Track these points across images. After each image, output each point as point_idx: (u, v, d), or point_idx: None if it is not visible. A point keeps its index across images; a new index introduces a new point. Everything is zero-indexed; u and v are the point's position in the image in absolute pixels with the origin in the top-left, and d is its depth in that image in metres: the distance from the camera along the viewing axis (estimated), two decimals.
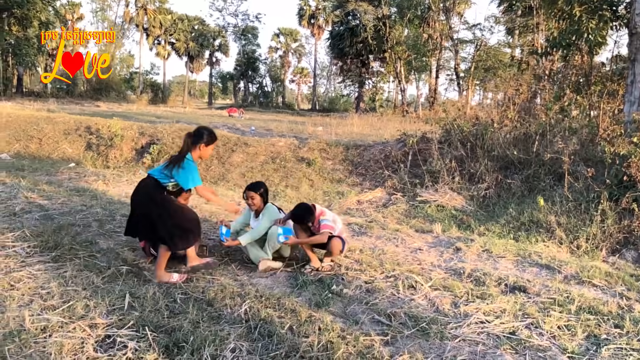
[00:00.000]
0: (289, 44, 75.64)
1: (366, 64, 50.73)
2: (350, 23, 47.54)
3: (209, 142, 4.99)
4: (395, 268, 5.51)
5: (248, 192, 5.54)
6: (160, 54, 71.37)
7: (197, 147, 4.89)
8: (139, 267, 5.14)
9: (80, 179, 10.01)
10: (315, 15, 63.63)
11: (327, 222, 5.35)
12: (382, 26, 43.45)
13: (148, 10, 66.70)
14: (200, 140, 4.89)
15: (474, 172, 9.22)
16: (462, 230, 7.76)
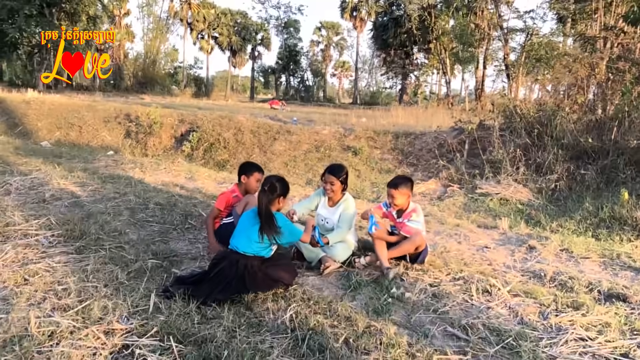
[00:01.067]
0: (331, 38, 74.87)
1: (410, 55, 49.43)
2: (394, 13, 46.37)
3: (284, 193, 4.18)
4: (463, 269, 4.73)
5: (328, 176, 4.76)
6: (204, 48, 71.79)
7: (276, 202, 4.11)
8: (170, 261, 4.52)
9: (116, 166, 9.58)
10: (357, 8, 62.59)
11: (418, 224, 4.67)
12: (427, 16, 42.05)
13: (192, 4, 67.16)
14: (274, 193, 4.08)
15: (541, 162, 8.28)
16: (531, 226, 6.88)
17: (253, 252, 3.90)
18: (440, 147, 9.67)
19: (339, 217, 4.82)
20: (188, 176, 9.10)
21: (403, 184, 4.73)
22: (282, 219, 4.02)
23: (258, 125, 11.74)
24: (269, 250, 4.00)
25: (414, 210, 4.72)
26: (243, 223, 4.04)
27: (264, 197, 3.95)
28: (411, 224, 4.68)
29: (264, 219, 3.89)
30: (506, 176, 8.22)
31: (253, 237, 3.89)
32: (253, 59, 75.17)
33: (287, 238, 4.02)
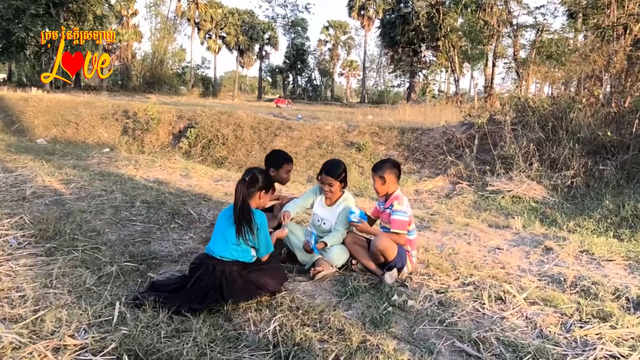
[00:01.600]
0: (339, 37, 74.42)
1: (418, 53, 48.80)
2: (402, 10, 45.73)
3: (267, 187, 3.74)
4: (473, 272, 4.26)
5: (325, 177, 4.23)
6: (211, 48, 71.56)
7: (256, 196, 3.66)
8: (148, 264, 4.09)
9: (110, 163, 9.19)
10: (365, 6, 62.08)
11: (403, 216, 4.04)
12: (435, 13, 41.47)
13: (199, 4, 67.01)
14: (255, 186, 3.62)
15: (555, 158, 7.78)
16: (546, 225, 6.39)
17: (231, 256, 3.44)
18: (448, 143, 9.19)
19: (337, 217, 4.37)
20: (183, 173, 8.68)
21: (384, 167, 4.17)
22: (261, 219, 3.54)
23: (258, 121, 11.31)
24: (249, 254, 3.54)
25: (396, 198, 4.10)
26: (220, 223, 3.59)
27: (243, 189, 3.47)
28: (395, 215, 4.03)
29: (239, 215, 3.42)
30: (519, 172, 7.72)
31: (230, 238, 3.44)
32: (260, 59, 74.89)
33: (261, 245, 3.56)
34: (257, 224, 3.47)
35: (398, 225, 4.02)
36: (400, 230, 4.02)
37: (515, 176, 7.68)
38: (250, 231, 3.41)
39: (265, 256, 3.61)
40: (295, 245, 4.22)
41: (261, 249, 3.55)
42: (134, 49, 67.43)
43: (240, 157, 10.30)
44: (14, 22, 38.47)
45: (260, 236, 3.51)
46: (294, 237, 4.25)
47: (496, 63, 40.77)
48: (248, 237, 3.42)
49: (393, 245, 3.95)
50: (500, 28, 37.55)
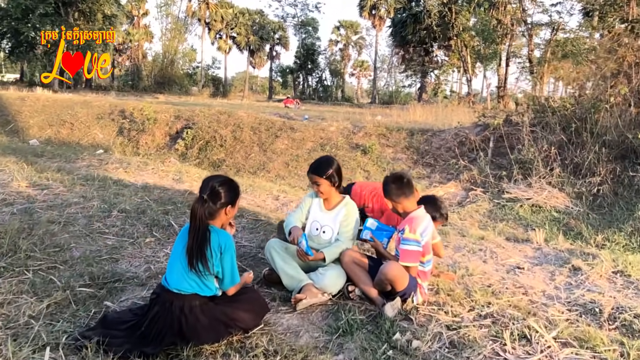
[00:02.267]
0: (350, 37, 73.81)
1: (429, 52, 47.99)
2: (414, 9, 44.92)
3: (233, 199, 3.03)
4: (491, 301, 3.61)
5: (311, 176, 3.71)
6: (222, 48, 71.27)
7: (221, 214, 2.97)
8: (109, 289, 3.49)
9: (100, 166, 8.64)
10: (376, 6, 61.44)
11: (414, 246, 3.36)
12: (447, 12, 40.66)
13: (210, 4, 66.76)
14: (217, 202, 2.92)
15: (579, 163, 7.10)
16: (571, 239, 5.73)
17: (190, 288, 2.82)
18: (461, 145, 8.53)
19: (339, 226, 3.76)
20: (176, 177, 8.10)
21: (385, 192, 3.57)
22: (226, 241, 2.88)
23: (259, 121, 10.72)
24: (211, 285, 2.91)
25: (409, 221, 3.41)
26: (177, 246, 2.97)
27: (200, 207, 2.83)
28: (404, 244, 3.35)
29: (194, 239, 2.79)
30: (538, 178, 7.05)
31: (186, 266, 2.82)
32: (271, 59, 74.53)
33: (226, 274, 2.91)
34: (220, 248, 2.85)
35: (407, 257, 3.35)
36: (410, 264, 3.36)
37: (534, 182, 7.01)
38: (203, 262, 2.78)
39: (231, 289, 2.95)
40: (280, 266, 3.58)
41: (225, 279, 2.90)
42: (145, 49, 67.40)
43: (239, 159, 9.70)
44: (22, 22, 38.33)
45: (225, 262, 2.87)
46: (278, 256, 3.62)
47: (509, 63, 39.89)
48: (201, 269, 2.79)
49: (405, 275, 3.31)
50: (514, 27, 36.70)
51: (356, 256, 3.66)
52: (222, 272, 2.88)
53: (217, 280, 2.94)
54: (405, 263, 3.33)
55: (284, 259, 3.59)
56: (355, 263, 3.62)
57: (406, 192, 3.51)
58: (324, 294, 3.42)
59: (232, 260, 2.92)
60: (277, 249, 3.64)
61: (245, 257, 4.35)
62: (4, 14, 40.01)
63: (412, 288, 3.38)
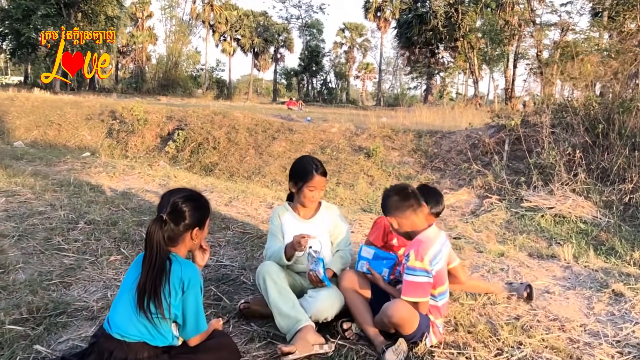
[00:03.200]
0: (354, 39, 73.31)
1: (435, 54, 47.30)
2: (419, 10, 44.28)
3: (201, 221, 2.35)
4: (522, 340, 2.91)
5: (318, 178, 3.03)
6: (226, 51, 70.88)
7: (185, 238, 2.31)
8: (48, 325, 2.82)
9: (82, 170, 7.99)
10: (381, 8, 60.93)
11: (420, 277, 2.64)
12: (453, 12, 39.98)
13: (214, 6, 66.45)
14: (180, 223, 2.26)
15: (607, 167, 6.39)
16: (603, 256, 5.01)
17: (139, 336, 2.14)
18: (473, 148, 7.83)
19: (328, 233, 3.15)
20: (163, 182, 7.44)
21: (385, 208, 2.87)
22: (191, 274, 2.21)
23: (256, 122, 10.05)
24: (168, 333, 2.22)
25: (416, 244, 2.69)
26: (126, 280, 2.28)
27: (158, 230, 2.14)
28: (408, 275, 2.64)
29: (149, 272, 2.11)
30: (561, 185, 6.35)
31: (134, 306, 2.14)
32: (275, 61, 74.10)
33: (188, 319, 2.23)
34: (183, 284, 2.16)
35: (412, 290, 2.63)
36: (417, 299, 2.64)
37: (556, 189, 6.30)
38: (157, 303, 2.10)
39: (194, 338, 2.26)
40: (274, 301, 2.78)
41: (187, 325, 2.21)
42: (149, 51, 67.08)
43: (233, 163, 9.02)
44: (23, 23, 37.94)
45: (188, 304, 2.18)
46: (274, 287, 2.81)
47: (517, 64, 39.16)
48: (153, 311, 2.11)
49: (414, 316, 2.60)
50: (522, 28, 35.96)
51: (357, 282, 2.96)
52: (182, 317, 2.19)
53: (176, 326, 2.25)
54: (410, 298, 2.62)
55: (280, 291, 2.80)
56: (355, 291, 2.93)
57: (413, 204, 2.79)
58: (322, 345, 2.62)
59: (197, 300, 2.22)
60: (273, 277, 2.84)
61: (224, 280, 3.65)
62: (4, 15, 39.64)
63: (423, 328, 2.68)
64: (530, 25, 35.42)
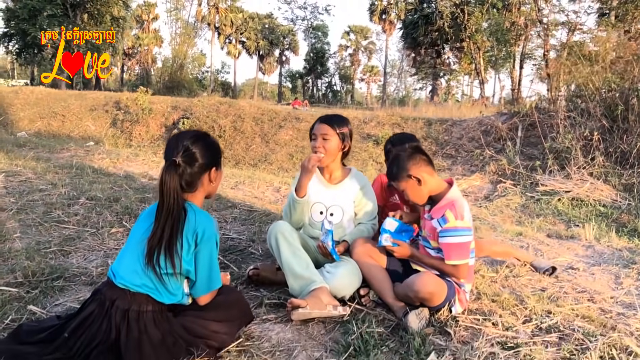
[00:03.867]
0: (359, 42, 73.24)
1: (441, 54, 47.10)
2: (425, 10, 44.13)
3: (217, 160, 2.20)
4: (552, 309, 2.70)
5: (320, 126, 2.83)
6: (231, 53, 70.87)
7: (203, 182, 2.13)
8: (44, 288, 2.64)
9: (85, 157, 7.83)
10: (386, 11, 60.83)
11: (465, 236, 2.47)
12: (459, 13, 39.79)
13: (220, 9, 66.44)
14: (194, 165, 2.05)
15: (626, 151, 6.17)
16: (626, 237, 4.80)
17: (144, 288, 1.95)
18: (485, 135, 7.62)
19: (352, 202, 2.91)
20: None
21: (407, 162, 2.54)
22: (207, 225, 2.01)
23: (262, 111, 9.88)
24: (178, 290, 2.03)
25: (449, 205, 2.48)
26: (135, 232, 2.09)
27: (171, 177, 1.93)
28: (451, 236, 2.45)
29: (164, 222, 1.91)
30: (578, 169, 6.14)
31: (142, 258, 1.95)
32: (281, 64, 74.10)
33: (200, 274, 2.03)
34: (196, 236, 1.98)
35: (459, 252, 2.46)
36: (461, 261, 2.46)
37: (573, 173, 6.09)
38: (169, 256, 1.92)
39: (205, 296, 2.07)
40: (286, 260, 2.57)
41: (199, 282, 2.02)
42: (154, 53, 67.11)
43: (239, 151, 8.84)
44: (29, 23, 37.96)
45: (202, 258, 2.00)
46: (286, 246, 2.61)
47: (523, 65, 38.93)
48: (163, 266, 1.93)
49: (443, 287, 2.42)
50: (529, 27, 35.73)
51: (372, 250, 2.77)
52: (195, 272, 2.01)
53: (188, 284, 2.07)
54: (457, 261, 2.44)
55: (294, 252, 2.60)
56: (370, 257, 2.74)
57: (431, 163, 2.62)
58: (337, 307, 2.43)
59: (212, 255, 2.03)
60: (286, 236, 2.63)
61: (232, 251, 3.47)
62: (11, 15, 39.68)
63: (450, 295, 2.48)
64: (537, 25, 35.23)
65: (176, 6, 73.55)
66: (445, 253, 2.49)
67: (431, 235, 2.61)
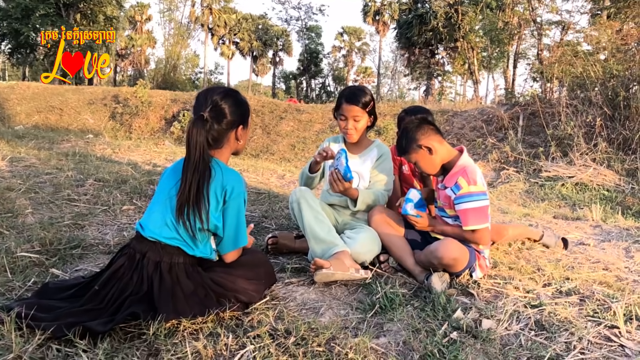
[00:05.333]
0: (353, 43, 73.25)
1: (435, 54, 47.29)
2: (419, 10, 44.28)
3: (245, 118, 2.13)
4: (569, 276, 2.73)
5: (348, 106, 2.82)
6: (225, 54, 70.68)
7: (230, 139, 2.13)
8: (63, 255, 2.63)
9: (86, 147, 7.78)
10: (380, 12, 60.90)
11: (481, 200, 2.47)
12: (453, 13, 39.95)
13: (213, 9, 66.23)
14: (222, 121, 2.04)
15: (627, 137, 6.22)
16: (632, 217, 4.84)
17: (176, 241, 1.95)
18: (487, 124, 7.65)
19: (369, 173, 2.94)
20: (170, 158, 7.25)
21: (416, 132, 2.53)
22: (236, 183, 2.02)
23: (262, 104, 9.87)
24: (206, 245, 2.04)
25: (461, 172, 2.49)
26: (162, 187, 2.08)
27: (198, 131, 1.91)
28: (467, 202, 2.45)
29: (192, 177, 1.91)
30: (580, 155, 6.19)
31: (173, 214, 1.95)
32: (274, 65, 73.96)
33: (228, 231, 2.03)
34: (225, 193, 1.98)
35: (478, 217, 2.46)
36: (479, 225, 2.46)
37: (576, 159, 6.13)
38: (198, 212, 1.92)
39: (231, 253, 2.08)
40: (309, 224, 2.58)
41: (227, 238, 2.03)
42: (148, 54, 66.81)
43: None
44: (22, 22, 37.71)
45: (229, 215, 2.00)
46: (309, 210, 2.62)
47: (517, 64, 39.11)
48: (192, 222, 1.93)
49: (465, 254, 2.44)
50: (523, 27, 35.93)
51: (388, 216, 2.78)
52: (222, 228, 2.01)
53: (214, 240, 2.07)
54: (475, 226, 2.45)
55: (316, 216, 2.61)
56: (388, 224, 2.75)
57: (439, 132, 2.64)
58: (359, 270, 2.45)
59: (240, 211, 2.04)
60: (308, 201, 2.64)
61: None
62: (3, 14, 39.39)
63: (471, 262, 2.50)
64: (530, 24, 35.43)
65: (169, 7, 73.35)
66: (462, 219, 2.50)
67: (447, 204, 2.62)
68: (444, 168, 2.63)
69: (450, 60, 47.84)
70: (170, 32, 67.81)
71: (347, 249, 2.52)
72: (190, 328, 1.82)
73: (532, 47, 37.68)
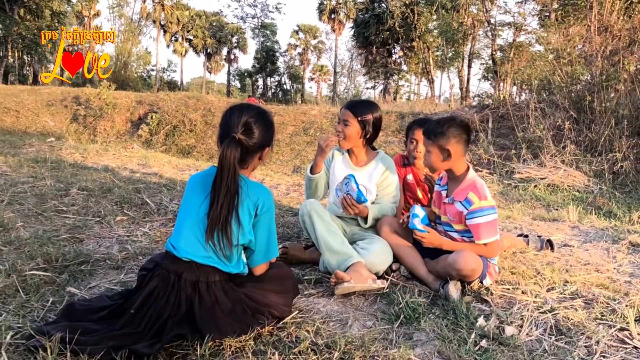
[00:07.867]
0: (308, 41, 73.22)
1: (392, 54, 47.95)
2: (376, 10, 44.79)
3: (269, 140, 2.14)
4: (567, 279, 2.87)
5: (343, 112, 2.90)
6: (178, 51, 69.26)
7: (255, 160, 2.14)
8: (73, 272, 2.56)
9: (52, 152, 7.52)
10: (336, 10, 61.09)
11: (492, 214, 2.56)
12: (409, 13, 40.65)
13: (165, 6, 64.76)
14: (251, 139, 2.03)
15: (594, 139, 6.53)
16: (603, 217, 5.09)
17: (210, 260, 1.95)
18: None
19: (374, 187, 2.99)
20: (142, 162, 7.10)
21: (447, 132, 2.55)
22: (266, 198, 2.05)
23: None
24: (238, 260, 2.05)
25: (471, 187, 2.57)
26: (189, 202, 2.06)
27: (231, 152, 1.92)
28: (480, 217, 2.53)
29: (224, 197, 1.91)
30: (551, 157, 6.45)
31: (203, 233, 1.95)
32: (229, 62, 73.09)
33: (259, 244, 2.06)
34: (257, 208, 2.00)
35: (487, 230, 2.55)
36: (491, 239, 2.57)
37: (547, 161, 6.39)
38: (227, 233, 1.93)
39: (261, 266, 2.10)
40: (322, 237, 2.61)
41: (258, 251, 2.06)
42: (97, 51, 64.73)
43: (211, 145, 8.74)
44: None
45: (261, 228, 2.03)
46: (320, 222, 2.66)
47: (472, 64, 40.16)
48: (218, 242, 1.93)
49: (481, 264, 2.53)
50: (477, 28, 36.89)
51: (399, 227, 2.85)
52: (255, 242, 2.03)
53: (245, 252, 2.08)
54: (487, 239, 2.55)
55: (328, 228, 2.65)
56: (397, 234, 2.82)
57: (467, 145, 2.72)
58: (376, 281, 2.49)
59: (271, 225, 2.08)
60: (320, 213, 2.68)
61: None
62: None
63: (484, 270, 2.60)
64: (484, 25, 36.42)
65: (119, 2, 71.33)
66: (474, 233, 2.58)
67: (456, 220, 2.67)
68: (448, 175, 2.73)
69: (407, 59, 48.61)
70: (121, 29, 65.94)
71: (362, 260, 2.56)
72: (234, 347, 1.82)
73: (486, 47, 38.77)
